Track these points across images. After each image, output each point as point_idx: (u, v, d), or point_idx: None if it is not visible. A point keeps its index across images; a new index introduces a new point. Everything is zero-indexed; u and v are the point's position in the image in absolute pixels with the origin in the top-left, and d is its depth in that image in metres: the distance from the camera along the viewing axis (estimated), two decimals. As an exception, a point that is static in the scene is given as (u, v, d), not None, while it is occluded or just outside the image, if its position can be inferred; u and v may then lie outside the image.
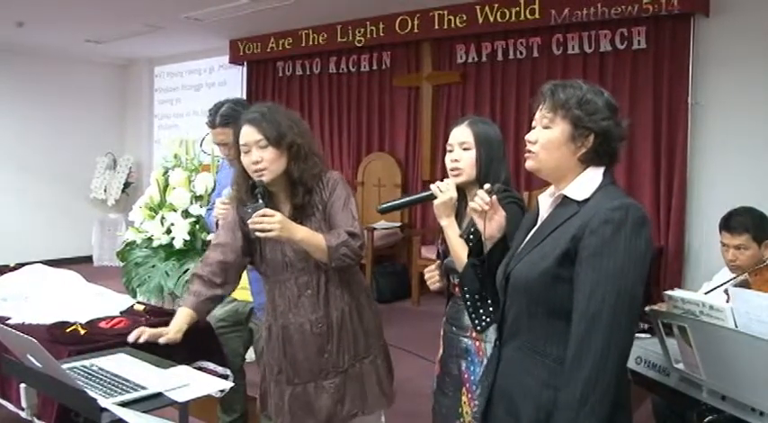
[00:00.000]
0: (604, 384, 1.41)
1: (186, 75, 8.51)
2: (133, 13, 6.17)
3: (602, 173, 1.57)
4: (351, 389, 2.30)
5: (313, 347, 2.26)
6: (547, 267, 1.52)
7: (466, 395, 2.15)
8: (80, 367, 2.01)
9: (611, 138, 1.56)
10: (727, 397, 1.90)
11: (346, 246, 2.16)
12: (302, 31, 6.88)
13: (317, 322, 2.25)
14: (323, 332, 2.26)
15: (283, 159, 2.18)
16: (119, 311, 2.74)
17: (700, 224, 4.82)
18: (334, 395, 2.27)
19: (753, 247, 2.74)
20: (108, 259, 8.11)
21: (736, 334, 1.78)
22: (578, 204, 1.54)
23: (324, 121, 7.12)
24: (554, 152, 1.57)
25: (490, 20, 5.62)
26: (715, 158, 4.81)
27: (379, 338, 2.42)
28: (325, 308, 2.26)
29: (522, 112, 5.55)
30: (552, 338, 1.52)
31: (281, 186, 2.24)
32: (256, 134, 2.15)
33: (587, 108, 1.54)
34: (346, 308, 2.30)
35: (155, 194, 4.45)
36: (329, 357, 2.27)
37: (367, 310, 2.38)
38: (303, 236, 2.13)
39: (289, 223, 2.11)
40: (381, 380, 2.39)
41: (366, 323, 2.37)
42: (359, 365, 2.33)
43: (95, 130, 8.70)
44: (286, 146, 2.17)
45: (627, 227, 1.45)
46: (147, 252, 4.30)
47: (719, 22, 4.72)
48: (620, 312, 1.43)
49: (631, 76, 5.07)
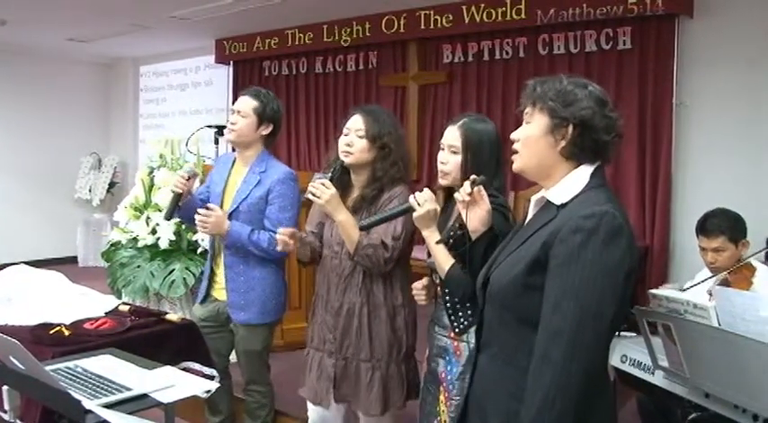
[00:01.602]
0: (564, 402, 1.34)
1: (172, 74, 8.45)
2: (118, 11, 6.12)
3: (590, 173, 1.50)
4: (346, 379, 2.47)
5: (326, 324, 2.52)
6: (517, 274, 1.47)
7: (443, 393, 2.16)
8: (64, 369, 2.00)
9: (592, 128, 1.48)
10: (711, 394, 1.92)
11: (373, 248, 2.35)
12: (288, 31, 6.86)
13: (331, 304, 2.50)
14: (333, 316, 2.49)
15: (371, 154, 2.45)
16: (104, 312, 2.73)
17: (684, 223, 4.85)
18: (333, 374, 2.48)
19: (730, 248, 2.77)
20: (93, 260, 8.05)
21: (720, 332, 1.80)
22: (557, 208, 1.48)
23: (310, 120, 7.09)
24: (533, 147, 1.52)
25: (476, 20, 5.63)
26: (700, 158, 4.84)
27: (389, 353, 2.45)
28: (342, 296, 2.48)
29: (509, 113, 5.55)
30: (522, 348, 1.46)
31: (362, 176, 2.49)
32: (360, 123, 2.45)
33: (564, 98, 1.49)
34: (358, 305, 2.44)
35: (140, 194, 4.42)
36: (334, 342, 2.49)
37: (383, 321, 2.44)
38: (343, 219, 2.38)
39: (338, 202, 2.37)
40: (373, 388, 2.42)
41: (375, 330, 2.44)
42: (356, 364, 2.45)
43: (80, 129, 8.64)
44: (379, 144, 2.44)
45: (597, 237, 1.37)
46: (133, 252, 4.27)
47: (703, 23, 4.75)
48: (583, 329, 1.35)
49: (617, 76, 5.10)
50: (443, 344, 2.19)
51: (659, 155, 4.93)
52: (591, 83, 1.55)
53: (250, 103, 2.87)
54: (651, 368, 2.20)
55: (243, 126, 2.85)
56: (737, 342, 1.72)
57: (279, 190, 2.82)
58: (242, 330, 2.90)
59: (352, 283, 2.46)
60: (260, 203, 2.83)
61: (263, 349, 2.97)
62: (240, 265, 2.85)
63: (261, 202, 2.83)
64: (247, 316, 2.86)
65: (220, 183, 2.95)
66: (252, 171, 2.88)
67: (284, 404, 3.37)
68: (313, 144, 7.00)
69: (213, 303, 2.97)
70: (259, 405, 3.05)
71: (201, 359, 2.68)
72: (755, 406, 1.75)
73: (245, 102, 2.87)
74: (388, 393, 2.44)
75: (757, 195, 4.34)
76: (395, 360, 2.46)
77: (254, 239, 2.77)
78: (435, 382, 2.21)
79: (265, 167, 2.87)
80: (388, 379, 2.44)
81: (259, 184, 2.84)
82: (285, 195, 2.83)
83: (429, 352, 2.30)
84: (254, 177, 2.86)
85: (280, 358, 3.60)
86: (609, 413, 1.54)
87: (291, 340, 4.25)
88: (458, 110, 5.97)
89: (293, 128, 7.25)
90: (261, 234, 2.79)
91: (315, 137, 7.03)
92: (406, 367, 2.49)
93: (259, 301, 2.86)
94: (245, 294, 2.85)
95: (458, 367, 2.12)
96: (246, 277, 2.85)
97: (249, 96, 2.89)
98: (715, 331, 1.80)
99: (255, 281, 2.85)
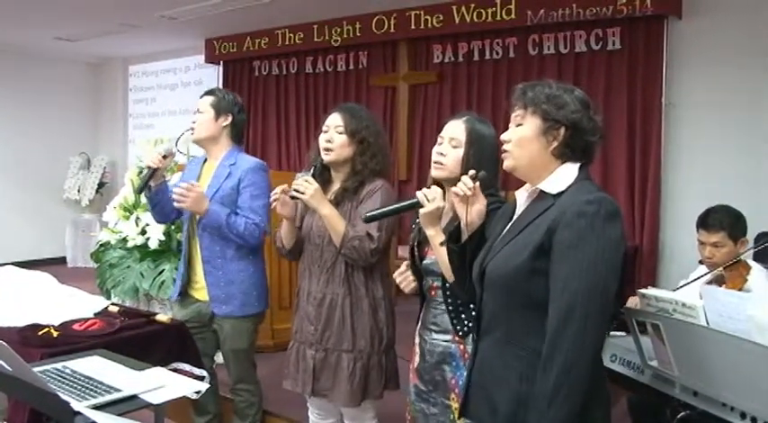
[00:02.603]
0: (578, 375, 1.43)
1: (161, 74, 8.42)
2: (107, 11, 6.10)
3: (577, 168, 1.60)
4: (325, 371, 2.49)
5: (307, 316, 2.55)
6: (522, 261, 1.54)
7: (455, 401, 2.07)
8: (52, 370, 1.98)
9: (582, 130, 1.59)
10: (699, 393, 1.93)
11: (360, 240, 2.38)
12: (278, 31, 6.86)
13: (313, 296, 2.53)
14: (315, 308, 2.52)
15: (351, 149, 2.49)
16: (93, 313, 2.71)
17: (674, 223, 4.89)
18: (312, 365, 2.51)
19: (729, 244, 2.78)
20: (82, 260, 8.01)
21: (708, 331, 1.81)
22: (553, 197, 1.57)
23: (300, 120, 7.09)
24: (527, 148, 1.60)
25: (467, 20, 5.65)
26: (688, 158, 4.87)
27: (371, 345, 2.47)
28: (324, 287, 2.51)
29: (499, 112, 5.56)
30: (530, 331, 1.54)
31: (342, 171, 2.54)
32: (339, 120, 2.50)
33: (556, 102, 1.58)
34: (341, 296, 2.48)
35: (129, 195, 4.40)
36: (314, 333, 2.52)
37: (365, 312, 2.47)
38: (328, 213, 2.42)
39: (321, 196, 2.43)
40: (354, 379, 2.45)
41: (357, 321, 2.48)
42: (337, 354, 2.48)
43: (68, 129, 8.60)
44: (358, 139, 2.49)
45: (599, 219, 1.47)
46: (122, 253, 4.25)
47: (692, 23, 4.79)
48: (593, 305, 1.45)
49: (606, 76, 5.13)
50: (445, 349, 2.13)
51: (648, 155, 4.97)
52: (575, 87, 1.65)
53: (206, 100, 2.96)
54: (641, 367, 2.21)
55: (202, 121, 2.93)
56: (725, 340, 1.73)
57: (250, 178, 2.85)
58: (227, 328, 2.89)
59: (334, 275, 2.50)
60: (232, 194, 2.85)
61: (249, 347, 2.97)
62: (218, 259, 2.86)
63: (233, 192, 2.85)
64: (230, 308, 2.87)
65: (193, 179, 2.96)
66: (222, 165, 2.91)
67: (273, 404, 3.36)
68: (303, 144, 6.99)
69: (194, 304, 2.96)
70: (248, 404, 3.04)
71: (191, 360, 2.67)
72: (743, 404, 1.76)
73: (202, 101, 2.97)
74: (367, 384, 2.47)
75: (746, 194, 4.36)
76: (376, 351, 2.48)
77: (231, 222, 2.79)
78: (442, 391, 2.13)
79: (235, 160, 2.91)
80: (369, 370, 2.47)
81: (229, 176, 2.87)
82: (256, 184, 2.86)
83: (421, 361, 2.22)
84: (224, 170, 2.89)
85: (269, 358, 3.59)
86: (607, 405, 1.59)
87: (281, 340, 4.23)
88: (448, 110, 5.99)
89: (283, 128, 7.25)
90: (237, 218, 2.81)
91: (305, 137, 7.01)
92: (386, 358, 2.52)
93: (240, 293, 2.87)
94: (226, 287, 2.86)
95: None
96: (225, 270, 2.86)
97: (205, 96, 3.00)
98: (703, 330, 1.81)
99: (234, 273, 2.87)
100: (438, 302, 2.15)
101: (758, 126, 4.55)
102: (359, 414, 2.57)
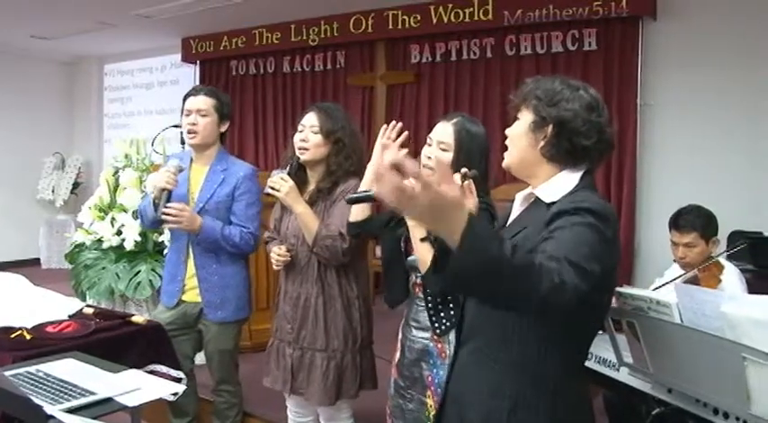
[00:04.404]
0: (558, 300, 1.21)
1: (137, 73, 8.34)
2: (83, 9, 6.02)
3: (578, 177, 1.48)
4: (302, 370, 2.52)
5: (285, 315, 2.59)
6: None
7: (431, 398, 2.10)
8: (25, 373, 1.95)
9: (570, 130, 1.46)
10: (674, 390, 1.96)
11: (332, 240, 2.41)
12: (256, 30, 6.82)
13: (289, 295, 2.58)
14: (291, 307, 2.56)
15: (326, 148, 2.52)
16: (67, 315, 2.67)
17: (649, 222, 4.94)
18: (291, 364, 2.54)
19: (701, 244, 2.83)
20: (57, 262, 7.89)
21: (682, 329, 1.83)
22: (547, 207, 1.45)
23: (278, 120, 7.06)
24: (517, 144, 1.52)
25: (444, 20, 5.66)
26: (664, 157, 4.93)
27: (344, 344, 2.49)
28: (299, 287, 2.55)
29: (477, 112, 5.58)
30: (505, 343, 1.45)
31: (318, 171, 2.56)
32: (314, 120, 2.53)
33: (551, 98, 1.47)
34: (314, 295, 2.50)
35: (104, 195, 4.35)
36: (291, 332, 2.55)
37: (338, 312, 2.50)
38: (302, 211, 2.45)
39: (296, 194, 2.46)
40: (328, 378, 2.47)
41: (330, 320, 2.50)
42: (311, 353, 2.50)
43: (42, 129, 8.46)
44: (333, 139, 2.51)
45: (593, 214, 1.34)
46: (97, 254, 4.20)
47: (666, 25, 4.85)
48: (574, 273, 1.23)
49: (582, 76, 5.15)
50: (423, 347, 2.14)
51: (624, 154, 5.02)
52: (587, 86, 1.53)
53: (209, 101, 2.85)
54: (616, 365, 2.23)
55: (206, 126, 2.83)
56: (698, 338, 1.75)
57: (246, 186, 2.85)
58: (213, 329, 2.88)
59: (308, 274, 2.53)
60: (227, 201, 2.84)
61: (234, 348, 2.97)
62: (213, 265, 2.85)
63: (228, 199, 2.84)
64: (224, 314, 2.87)
65: (183, 183, 2.89)
66: (213, 170, 2.88)
67: (252, 405, 3.35)
68: (281, 144, 6.95)
69: (180, 306, 2.94)
70: (229, 405, 3.03)
71: (168, 361, 2.64)
72: (716, 399, 1.78)
73: (205, 101, 2.84)
74: (341, 383, 2.49)
75: (720, 194, 4.43)
76: (350, 350, 2.50)
77: (227, 234, 2.79)
78: (419, 388, 2.15)
79: (226, 165, 2.89)
80: (343, 369, 2.49)
81: (224, 183, 2.85)
82: (251, 191, 2.86)
83: (401, 356, 2.25)
84: (217, 176, 2.87)
85: (247, 359, 3.57)
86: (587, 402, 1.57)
87: (259, 341, 4.21)
88: (426, 110, 6.00)
89: (261, 128, 7.21)
90: (232, 229, 2.81)
91: (282, 137, 6.98)
92: (361, 358, 2.53)
93: (234, 298, 2.88)
94: (222, 292, 2.85)
95: (444, 369, 2.05)
96: (220, 275, 2.85)
97: (206, 95, 2.87)
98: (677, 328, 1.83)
99: (229, 278, 2.87)
100: (420, 299, 2.17)
101: (731, 125, 4.62)
102: (334, 413, 2.59)
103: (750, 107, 4.55)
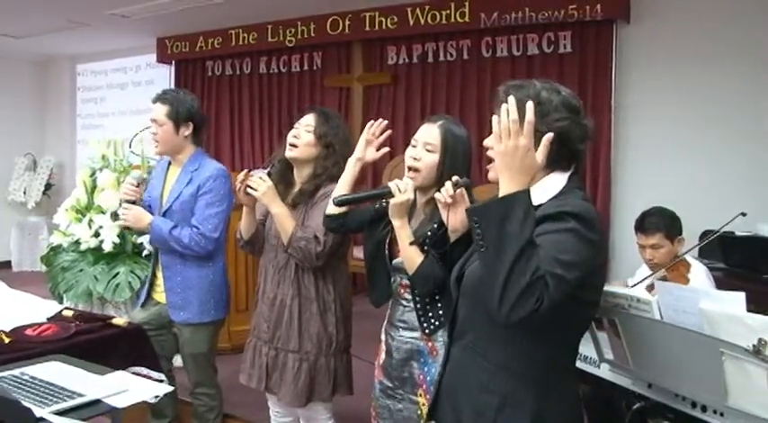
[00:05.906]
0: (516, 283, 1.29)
1: (111, 73, 8.24)
2: (55, 7, 5.93)
3: (566, 177, 1.51)
4: (276, 370, 2.53)
5: (262, 315, 2.60)
6: None
7: (424, 396, 2.10)
8: (9, 377, 1.93)
9: (569, 140, 1.49)
10: (654, 385, 2.00)
11: (306, 242, 2.41)
12: (232, 31, 6.80)
13: (267, 295, 2.59)
14: (268, 307, 2.57)
15: (316, 150, 2.54)
16: (46, 318, 2.64)
17: (624, 222, 5.01)
18: (266, 363, 2.56)
19: (666, 244, 2.92)
20: (29, 264, 7.78)
21: (662, 325, 1.87)
22: (535, 209, 1.42)
23: (254, 121, 7.04)
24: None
25: (421, 22, 5.70)
26: (637, 158, 5.03)
27: (318, 346, 2.49)
28: (276, 287, 2.56)
29: (453, 113, 5.62)
30: (493, 343, 1.49)
31: (304, 172, 2.57)
32: (311, 120, 2.56)
33: (540, 109, 1.46)
34: (290, 297, 2.51)
35: (81, 196, 4.30)
36: (267, 331, 2.57)
37: (313, 314, 2.50)
38: (278, 211, 2.46)
39: (273, 194, 2.46)
40: (299, 379, 2.48)
41: (305, 322, 2.50)
42: (284, 354, 2.52)
43: (13, 129, 8.32)
44: (324, 143, 2.53)
45: (578, 220, 1.37)
46: (75, 256, 4.15)
47: (640, 28, 4.94)
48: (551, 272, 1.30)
49: (558, 78, 5.22)
50: (413, 346, 2.14)
51: (599, 155, 5.10)
52: (562, 87, 1.55)
53: (161, 109, 2.85)
54: (597, 362, 2.27)
55: (163, 135, 2.85)
56: (677, 333, 1.79)
57: (208, 186, 2.83)
58: (186, 332, 2.88)
59: (285, 276, 2.54)
60: (191, 201, 2.84)
61: (208, 351, 2.95)
62: (177, 265, 2.86)
63: (192, 199, 2.84)
64: (186, 315, 2.86)
65: (158, 186, 2.98)
66: (185, 171, 2.89)
67: (232, 407, 3.34)
68: (257, 145, 6.94)
69: (155, 306, 2.94)
70: (207, 408, 3.02)
71: (149, 363, 2.63)
72: (695, 393, 1.83)
73: (157, 109, 2.86)
74: (313, 386, 2.49)
75: (692, 193, 4.54)
76: (324, 353, 2.50)
77: (176, 235, 2.78)
78: (411, 387, 2.15)
79: (198, 166, 2.89)
80: (315, 372, 2.49)
81: (190, 183, 2.85)
82: (214, 191, 2.83)
83: (387, 357, 2.23)
84: (186, 176, 2.87)
85: (226, 361, 3.56)
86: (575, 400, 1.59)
87: (238, 342, 4.20)
88: (402, 111, 6.03)
89: (237, 129, 7.18)
90: (183, 230, 2.80)
91: (259, 138, 6.97)
92: (336, 362, 2.53)
93: (197, 300, 2.86)
94: (183, 294, 2.85)
95: (436, 367, 2.04)
96: (183, 277, 2.85)
97: (159, 102, 2.87)
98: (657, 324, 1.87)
99: (193, 280, 2.86)
100: (407, 300, 2.17)
101: (704, 127, 4.72)
102: (312, 415, 2.60)
103: (721, 107, 4.65)
